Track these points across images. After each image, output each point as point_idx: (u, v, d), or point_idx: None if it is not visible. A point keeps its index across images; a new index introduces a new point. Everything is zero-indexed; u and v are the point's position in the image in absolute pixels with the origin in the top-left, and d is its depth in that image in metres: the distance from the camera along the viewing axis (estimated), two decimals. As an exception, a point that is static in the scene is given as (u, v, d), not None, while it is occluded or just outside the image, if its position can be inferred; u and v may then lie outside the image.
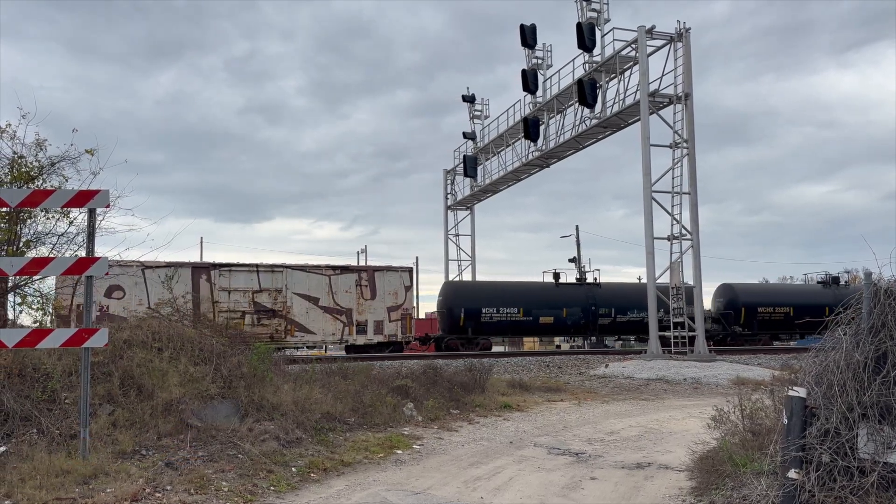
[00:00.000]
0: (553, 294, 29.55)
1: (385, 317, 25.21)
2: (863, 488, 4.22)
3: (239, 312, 23.26)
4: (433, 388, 11.70)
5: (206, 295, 23.04)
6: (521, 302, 28.83)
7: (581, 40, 24.82)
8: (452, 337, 28.16)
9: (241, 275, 23.79)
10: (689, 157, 22.71)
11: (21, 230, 9.79)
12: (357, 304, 24.92)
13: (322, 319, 24.47)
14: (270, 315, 23.67)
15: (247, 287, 23.72)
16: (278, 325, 23.76)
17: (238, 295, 23.51)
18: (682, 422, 10.61)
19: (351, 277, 25.11)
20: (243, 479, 6.29)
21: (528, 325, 29.19)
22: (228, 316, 22.83)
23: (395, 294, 25.47)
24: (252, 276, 23.91)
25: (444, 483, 6.65)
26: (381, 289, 25.28)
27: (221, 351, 8.86)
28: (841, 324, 4.76)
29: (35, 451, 6.29)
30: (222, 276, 23.52)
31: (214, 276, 23.40)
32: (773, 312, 30.63)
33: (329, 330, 24.58)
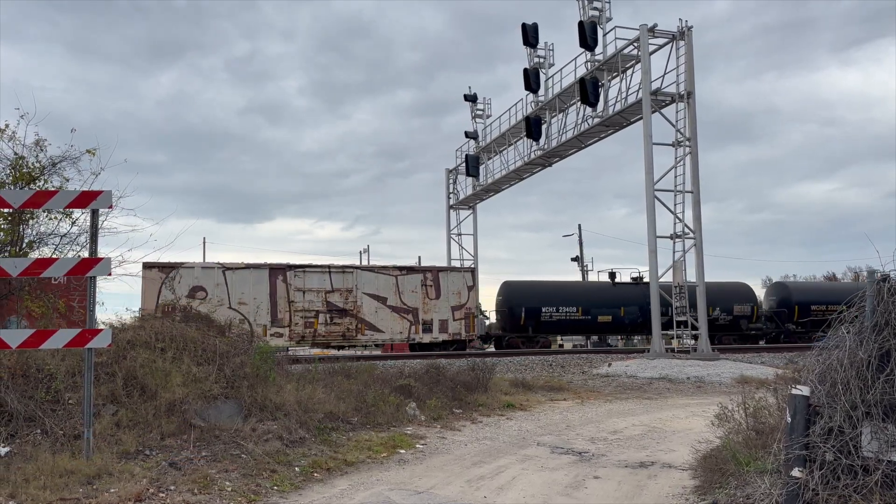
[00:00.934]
0: (611, 293, 30.05)
1: (449, 316, 25.91)
2: (866, 487, 4.22)
3: (313, 312, 24.12)
4: (436, 387, 11.70)
5: (282, 295, 23.93)
6: (580, 301, 29.43)
7: (583, 39, 24.79)
8: (513, 335, 28.81)
9: (314, 275, 24.53)
10: (692, 156, 22.68)
11: (24, 231, 9.81)
12: (423, 304, 25.61)
13: (390, 318, 25.16)
14: (342, 314, 24.46)
15: (320, 287, 24.45)
16: (349, 324, 24.59)
17: (312, 295, 24.29)
18: (685, 420, 10.60)
19: (417, 277, 25.79)
20: (247, 479, 6.30)
21: (587, 324, 29.73)
22: (304, 315, 23.96)
23: (459, 294, 26.20)
24: (324, 276, 24.64)
25: (448, 482, 6.65)
26: (445, 288, 26.01)
27: (224, 351, 8.88)
28: (844, 322, 4.75)
29: (39, 452, 6.31)
30: (297, 276, 24.28)
31: (290, 276, 24.17)
32: (825, 310, 30.57)
33: (397, 329, 25.25)
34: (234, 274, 23.59)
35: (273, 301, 23.77)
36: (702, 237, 22.76)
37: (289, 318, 23.91)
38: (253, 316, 23.45)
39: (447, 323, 25.78)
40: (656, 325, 22.39)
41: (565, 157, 29.82)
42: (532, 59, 29.45)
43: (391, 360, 19.57)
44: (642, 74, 22.81)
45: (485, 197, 36.10)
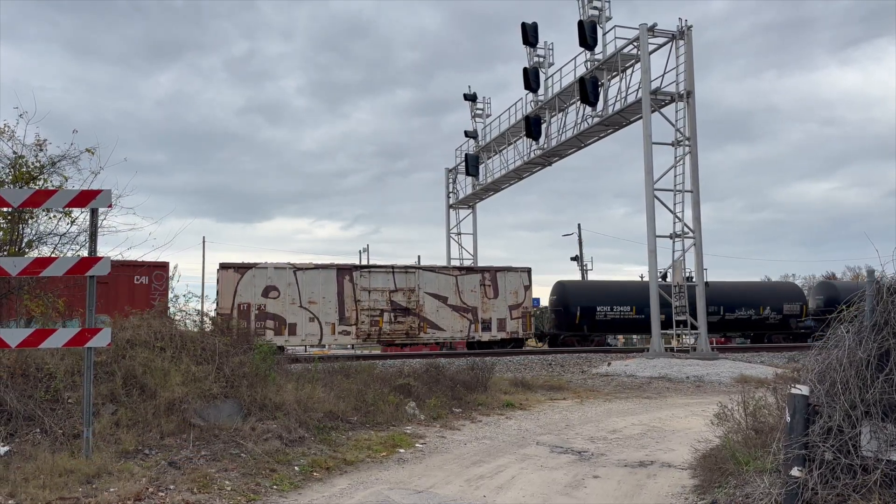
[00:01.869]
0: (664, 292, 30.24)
1: (507, 315, 26.54)
2: (866, 486, 4.22)
3: (378, 311, 24.96)
4: (435, 386, 11.70)
5: (349, 294, 24.81)
6: (634, 300, 29.78)
7: (583, 38, 24.78)
8: (569, 334, 29.37)
9: (378, 275, 25.37)
10: (692, 155, 22.68)
11: (23, 230, 9.80)
12: (481, 303, 26.31)
13: (451, 317, 25.87)
14: (405, 313, 25.24)
15: (384, 287, 25.23)
16: (412, 323, 25.35)
17: (377, 294, 25.07)
18: (684, 420, 10.60)
19: (475, 277, 26.51)
20: (246, 478, 6.30)
21: (641, 323, 29.89)
22: (369, 314, 24.76)
23: (516, 293, 26.78)
24: (388, 276, 25.41)
25: (447, 482, 6.65)
26: (503, 288, 26.64)
27: (224, 350, 8.87)
28: (844, 321, 4.75)
29: (38, 451, 6.30)
30: (363, 276, 25.16)
31: (356, 276, 25.05)
32: None
33: (457, 327, 25.93)
34: (305, 274, 24.45)
35: (341, 300, 24.67)
36: (701, 237, 22.76)
37: (355, 316, 24.76)
38: (322, 314, 24.46)
39: (505, 322, 26.46)
40: (655, 324, 22.39)
41: (565, 156, 29.82)
42: (532, 59, 29.44)
43: (390, 359, 19.58)
44: (642, 74, 22.81)
45: (484, 196, 36.09)
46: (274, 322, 23.96)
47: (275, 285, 24.09)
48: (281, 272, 24.24)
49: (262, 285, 23.96)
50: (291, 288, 24.24)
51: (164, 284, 21.88)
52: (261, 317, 23.66)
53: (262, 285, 23.96)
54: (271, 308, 23.89)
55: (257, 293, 23.77)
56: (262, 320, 23.71)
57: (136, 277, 21.66)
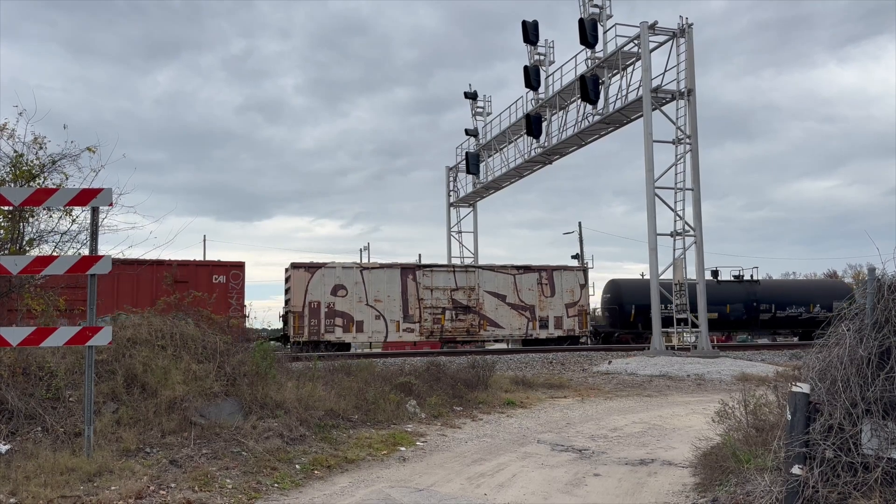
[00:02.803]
0: (716, 291, 30.46)
1: (563, 313, 27.28)
2: (866, 484, 4.22)
3: (440, 309, 25.81)
4: (436, 385, 11.71)
5: (412, 292, 25.75)
6: None
7: (583, 36, 24.77)
8: (624, 331, 29.82)
9: (440, 274, 26.23)
10: (692, 153, 22.66)
11: (24, 229, 9.79)
12: (539, 301, 26.98)
13: (509, 315, 26.54)
14: (466, 311, 26.00)
15: (445, 286, 26.15)
16: (473, 321, 26.09)
17: (439, 293, 25.91)
18: (685, 418, 10.60)
19: (533, 276, 27.08)
20: (247, 477, 6.30)
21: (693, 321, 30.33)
22: (432, 312, 25.59)
23: (572, 291, 27.47)
24: (449, 275, 26.33)
25: (448, 480, 6.66)
26: (560, 286, 27.32)
27: (224, 349, 8.88)
28: (844, 319, 4.74)
29: (40, 450, 6.31)
30: (425, 275, 25.99)
31: (419, 275, 25.90)
32: None
33: (515, 325, 26.60)
34: (371, 273, 25.56)
35: (404, 298, 25.60)
36: (702, 235, 22.75)
37: (419, 314, 25.57)
38: (387, 312, 25.41)
39: (562, 319, 27.11)
40: (656, 323, 22.39)
41: (566, 154, 29.81)
42: (532, 57, 29.43)
43: (391, 357, 19.59)
44: (643, 72, 22.79)
45: (485, 194, 36.08)
46: (342, 320, 24.90)
47: (343, 284, 25.07)
48: (348, 271, 25.29)
49: (331, 284, 24.92)
50: (358, 287, 25.20)
51: (240, 283, 23.08)
52: (330, 314, 24.74)
53: (331, 284, 24.92)
54: (340, 306, 24.89)
55: (326, 292, 24.74)
56: (331, 318, 24.70)
57: (214, 276, 22.71)
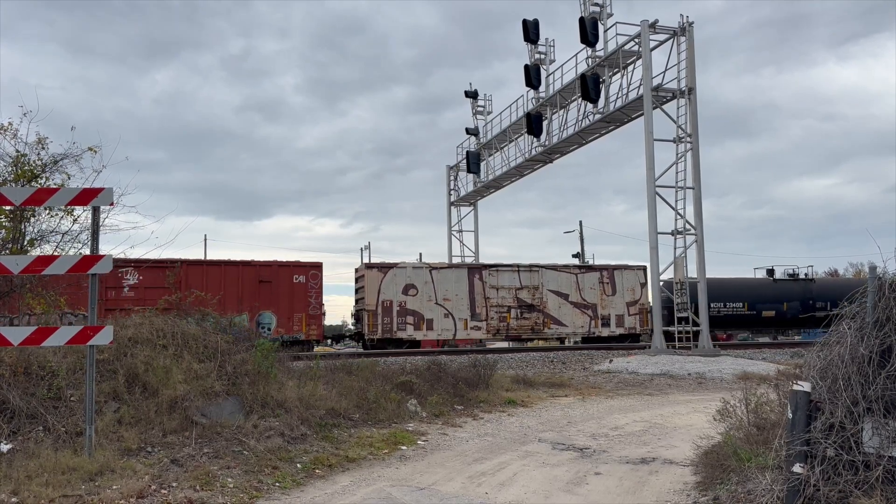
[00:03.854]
0: (772, 289, 31.18)
1: (625, 311, 27.96)
2: (867, 482, 4.22)
3: (505, 307, 26.52)
4: (437, 384, 11.70)
5: (479, 292, 26.61)
6: (746, 297, 30.67)
7: (584, 35, 24.76)
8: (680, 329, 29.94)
9: (505, 274, 26.94)
10: (693, 152, 22.65)
11: (25, 228, 9.80)
12: (600, 300, 27.62)
13: (572, 313, 27.37)
14: (530, 309, 26.68)
15: (510, 285, 26.80)
16: (537, 319, 26.78)
17: (504, 292, 26.63)
18: (686, 417, 10.60)
19: (594, 275, 27.89)
20: (248, 476, 6.31)
21: (752, 319, 30.96)
22: (498, 310, 26.42)
23: (633, 290, 28.18)
24: (514, 275, 26.99)
25: (449, 479, 6.66)
26: (621, 285, 27.95)
27: (226, 348, 8.88)
28: (845, 318, 4.74)
29: (41, 449, 6.32)
30: (491, 275, 26.77)
31: (485, 275, 26.69)
32: None
33: (578, 323, 27.43)
34: (439, 273, 26.48)
35: (472, 297, 26.51)
36: (703, 233, 22.74)
37: (485, 312, 26.51)
38: (456, 311, 26.31)
39: (623, 318, 27.75)
40: (657, 322, 22.38)
41: (566, 153, 29.81)
42: (533, 56, 29.41)
43: (392, 356, 19.59)
44: (643, 70, 22.78)
45: (486, 193, 36.07)
46: (413, 318, 25.76)
47: (413, 283, 26.01)
48: (418, 271, 26.28)
49: (402, 283, 25.88)
50: (428, 286, 26.12)
51: (318, 283, 23.99)
52: (401, 313, 25.72)
53: (402, 283, 25.88)
54: (410, 305, 25.87)
55: (398, 291, 25.72)
56: (402, 316, 25.61)
57: (294, 276, 23.66)
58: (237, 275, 23.05)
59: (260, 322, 23.00)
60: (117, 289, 21.66)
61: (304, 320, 23.67)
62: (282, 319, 23.41)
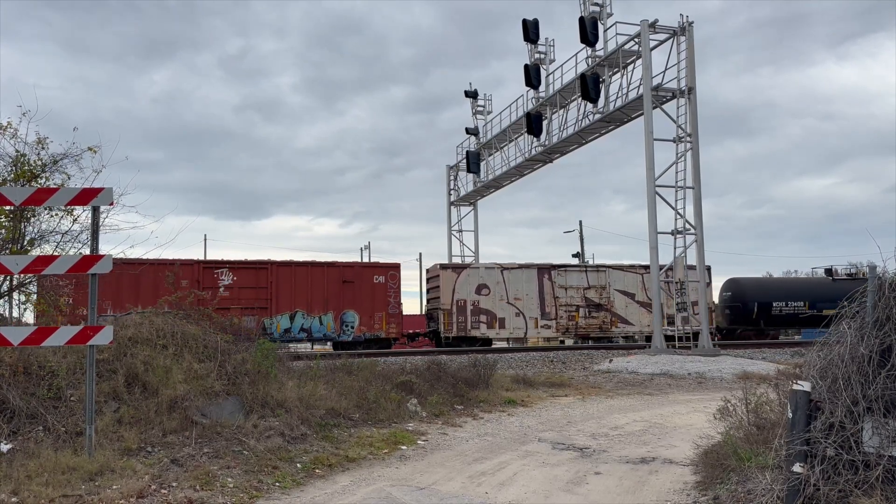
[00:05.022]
0: (831, 288, 31.42)
1: (690, 310, 27.91)
2: (868, 482, 4.22)
3: (574, 307, 27.19)
4: (437, 383, 11.71)
5: (548, 291, 27.41)
6: (806, 296, 31.15)
7: (583, 35, 24.75)
8: (745, 328, 30.99)
9: (573, 274, 27.82)
10: (693, 152, 22.65)
11: (25, 228, 9.80)
12: (666, 299, 27.32)
13: (638, 312, 27.94)
14: (598, 309, 27.26)
15: (578, 285, 27.49)
16: (604, 318, 27.40)
17: (573, 292, 27.32)
18: (686, 416, 10.60)
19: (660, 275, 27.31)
20: (248, 476, 6.31)
21: (813, 318, 31.13)
22: (567, 309, 27.00)
23: (697, 290, 27.80)
24: (582, 275, 27.87)
25: (449, 478, 6.66)
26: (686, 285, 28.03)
27: (225, 348, 8.88)
28: (845, 317, 4.74)
29: (41, 449, 6.32)
30: (559, 275, 27.57)
31: (554, 275, 27.44)
32: None
33: (644, 322, 28.12)
34: (510, 273, 27.22)
35: (541, 297, 27.26)
36: (703, 233, 22.74)
37: (555, 311, 27.32)
38: (526, 310, 27.08)
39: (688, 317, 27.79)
40: (657, 321, 22.39)
41: (566, 153, 29.81)
42: (533, 55, 29.40)
43: (392, 356, 19.59)
44: (643, 70, 22.78)
45: (486, 193, 36.07)
46: (486, 317, 26.52)
47: (486, 283, 26.87)
48: (490, 271, 27.14)
49: (475, 283, 26.76)
50: (500, 286, 26.93)
51: (396, 283, 25.06)
52: (475, 312, 26.63)
53: (475, 283, 26.76)
54: (483, 304, 26.74)
55: (471, 290, 26.64)
56: (476, 315, 26.40)
57: (375, 277, 24.72)
58: (322, 275, 24.12)
59: (343, 320, 24.20)
60: (213, 289, 22.45)
61: (384, 319, 24.71)
62: (364, 318, 24.45)
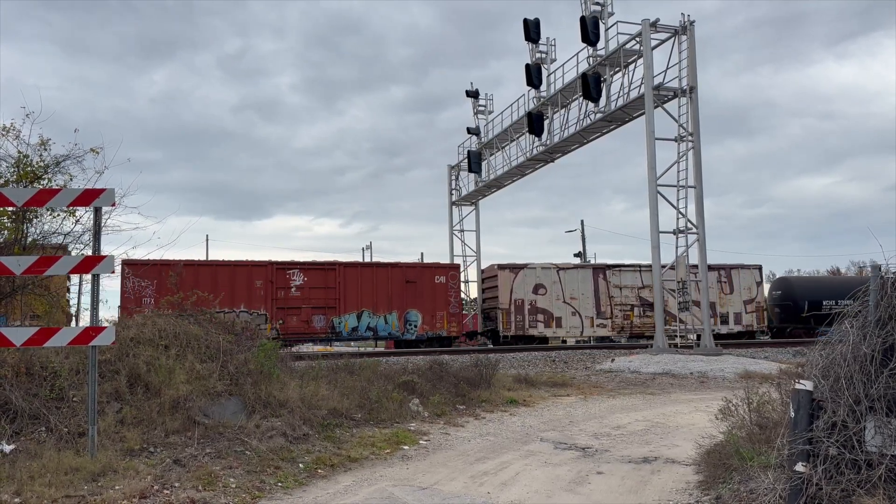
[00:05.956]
0: None
1: (742, 309, 29.05)
2: (870, 481, 4.21)
3: (628, 306, 27.66)
4: (439, 383, 11.71)
5: (604, 291, 27.89)
6: None
7: (584, 34, 24.72)
8: (796, 326, 31.23)
9: (628, 274, 28.13)
10: (695, 151, 22.62)
11: (27, 229, 9.82)
12: (719, 298, 28.60)
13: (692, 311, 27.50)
14: (652, 308, 26.94)
15: (633, 284, 27.98)
16: None
17: (627, 291, 27.74)
18: (688, 416, 10.60)
19: (713, 275, 28.12)
20: (251, 476, 6.31)
21: None
22: (621, 308, 27.83)
23: (749, 289, 29.37)
24: (636, 274, 28.18)
25: (451, 478, 6.66)
26: (738, 284, 28.99)
27: (228, 348, 8.89)
28: (848, 316, 4.74)
29: (44, 449, 6.33)
30: (614, 275, 27.98)
31: (609, 275, 27.83)
32: None
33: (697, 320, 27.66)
34: (566, 273, 27.75)
35: (597, 296, 27.76)
36: (705, 232, 22.71)
37: (610, 311, 27.72)
38: (582, 309, 27.63)
39: (741, 315, 28.77)
40: (659, 321, 22.37)
41: (567, 152, 29.76)
42: (534, 55, 29.36)
43: (394, 356, 19.60)
44: (644, 69, 22.75)
45: (487, 193, 36.02)
46: (543, 316, 27.08)
47: (542, 283, 27.31)
48: (547, 272, 27.55)
49: (532, 283, 27.16)
50: (556, 286, 27.42)
51: (456, 283, 25.79)
52: (532, 311, 27.14)
53: (532, 283, 27.16)
54: (540, 304, 27.23)
55: (528, 290, 27.10)
56: (533, 314, 26.96)
57: (436, 277, 25.43)
58: (386, 276, 24.80)
59: (407, 319, 24.82)
60: (286, 289, 23.61)
61: (446, 318, 25.30)
62: (426, 317, 25.04)
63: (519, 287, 27.09)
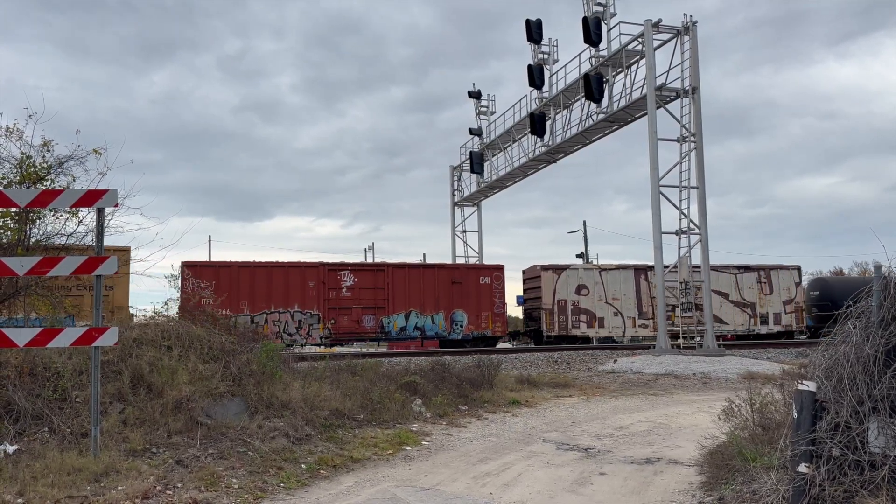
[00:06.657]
0: None
1: (781, 309, 29.60)
2: (873, 482, 4.20)
3: (670, 306, 27.38)
4: (441, 384, 11.71)
5: (645, 291, 28.23)
6: None
7: (587, 35, 24.73)
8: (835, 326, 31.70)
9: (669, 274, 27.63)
10: (697, 151, 22.61)
11: (30, 230, 9.83)
12: (759, 299, 29.24)
13: (732, 312, 28.83)
14: (692, 308, 27.40)
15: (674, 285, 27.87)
16: (700, 317, 27.49)
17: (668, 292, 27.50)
18: (691, 416, 10.58)
19: (752, 275, 29.40)
20: (253, 476, 6.32)
21: None
22: None
23: (788, 289, 29.80)
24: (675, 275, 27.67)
25: (454, 479, 6.66)
26: (777, 285, 29.33)
27: (230, 349, 8.90)
28: (851, 317, 4.73)
29: (46, 450, 6.34)
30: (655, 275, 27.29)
31: (650, 275, 27.64)
32: None
33: (738, 321, 28.94)
34: (608, 274, 28.20)
35: (638, 297, 28.13)
36: (707, 233, 22.70)
37: (652, 311, 27.69)
38: (624, 309, 28.03)
39: (780, 316, 29.05)
40: (661, 321, 22.35)
41: (570, 153, 29.77)
42: (536, 56, 29.38)
43: (396, 357, 19.61)
44: (647, 70, 22.75)
45: (489, 194, 36.04)
46: (586, 316, 27.48)
47: (584, 284, 27.75)
48: (589, 272, 28.24)
49: (575, 284, 27.65)
50: (598, 286, 27.82)
51: (501, 284, 26.05)
52: (575, 311, 27.57)
53: (575, 284, 27.65)
54: (583, 304, 27.67)
55: (571, 291, 27.56)
56: (576, 314, 27.35)
57: (480, 278, 25.84)
58: (433, 277, 25.23)
59: (453, 319, 25.19)
60: (337, 290, 24.16)
61: (490, 318, 25.61)
62: (471, 317, 25.38)
63: (562, 287, 27.46)
